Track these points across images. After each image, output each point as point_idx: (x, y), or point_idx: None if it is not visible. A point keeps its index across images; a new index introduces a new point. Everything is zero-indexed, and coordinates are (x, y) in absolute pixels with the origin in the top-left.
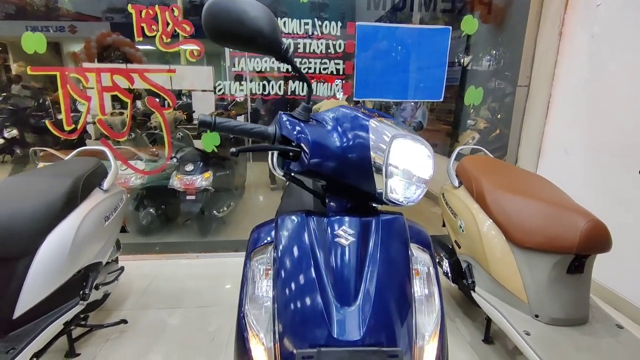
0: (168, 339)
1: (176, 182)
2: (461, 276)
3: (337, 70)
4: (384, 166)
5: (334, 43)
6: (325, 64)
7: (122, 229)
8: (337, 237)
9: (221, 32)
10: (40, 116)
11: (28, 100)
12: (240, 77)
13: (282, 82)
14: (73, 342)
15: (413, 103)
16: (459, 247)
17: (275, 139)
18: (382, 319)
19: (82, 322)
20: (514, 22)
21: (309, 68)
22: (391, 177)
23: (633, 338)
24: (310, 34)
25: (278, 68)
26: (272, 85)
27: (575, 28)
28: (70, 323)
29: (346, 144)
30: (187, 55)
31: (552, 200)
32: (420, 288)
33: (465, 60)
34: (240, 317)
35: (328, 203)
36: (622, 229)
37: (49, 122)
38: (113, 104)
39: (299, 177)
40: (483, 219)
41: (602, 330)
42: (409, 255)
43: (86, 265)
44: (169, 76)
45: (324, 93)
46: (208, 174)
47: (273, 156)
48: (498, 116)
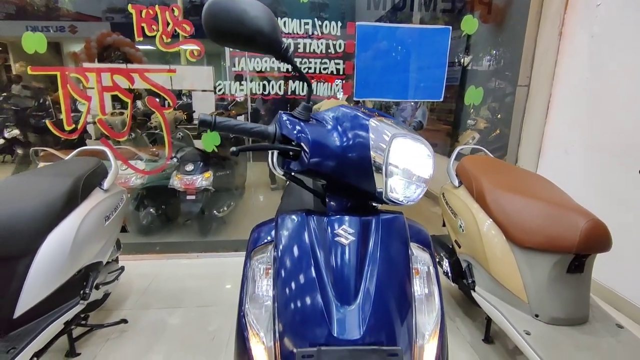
0: (168, 339)
1: (176, 182)
2: (461, 276)
3: (337, 70)
4: (384, 165)
5: (334, 43)
6: (325, 64)
7: (123, 229)
8: (337, 237)
9: (221, 32)
10: (40, 116)
11: (28, 100)
12: (240, 77)
13: (282, 82)
14: (73, 342)
15: (413, 103)
16: (459, 247)
17: (275, 139)
18: (382, 318)
19: (83, 322)
20: (514, 22)
21: (309, 68)
22: (391, 177)
23: (633, 337)
24: (310, 34)
25: (278, 68)
26: (272, 85)
27: (575, 28)
28: (70, 322)
29: (346, 144)
30: (187, 55)
31: (552, 199)
32: (420, 287)
33: (465, 60)
34: (240, 316)
35: (328, 202)
36: (622, 229)
37: (50, 122)
38: (113, 104)
39: (299, 177)
40: (483, 219)
41: (602, 329)
42: (409, 254)
43: (86, 264)
44: (169, 76)
45: (324, 93)
46: (208, 174)
47: (273, 155)
48: (498, 116)
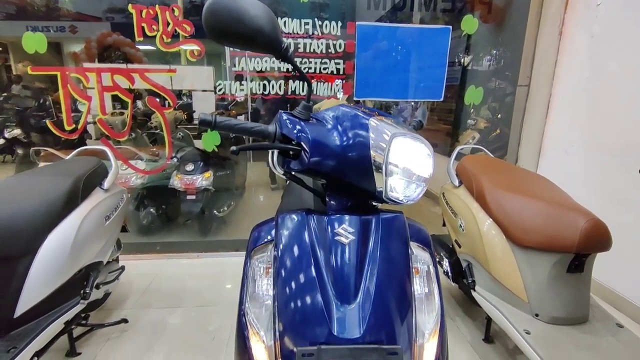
0: (169, 338)
1: (177, 182)
2: (461, 275)
3: (338, 70)
4: (384, 165)
5: (334, 43)
6: (325, 64)
7: (123, 229)
8: (337, 236)
9: (221, 31)
10: (40, 116)
11: (28, 100)
12: (240, 77)
13: (283, 82)
14: (74, 341)
15: (413, 103)
16: (459, 247)
17: (275, 138)
18: (382, 317)
19: (83, 322)
20: (514, 22)
21: (309, 68)
22: (391, 176)
23: (633, 337)
24: (310, 34)
25: (278, 68)
26: (273, 85)
27: (575, 28)
28: (71, 322)
29: (346, 143)
30: (188, 55)
31: (552, 199)
32: (420, 286)
33: (465, 60)
34: (240, 316)
35: (328, 202)
36: (622, 229)
37: (50, 122)
38: (113, 104)
39: (299, 176)
40: (483, 218)
41: (603, 329)
42: (409, 253)
43: (87, 264)
44: (170, 76)
45: (324, 93)
46: (208, 174)
47: (273, 155)
48: (498, 116)
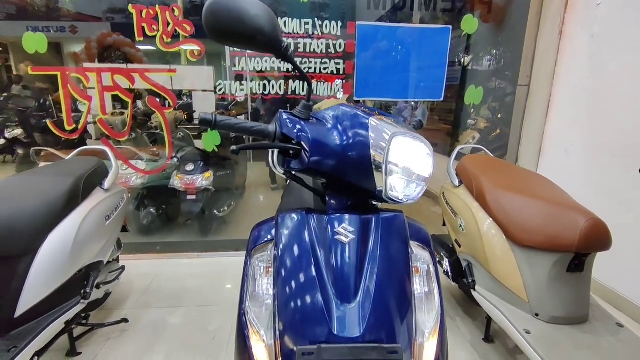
0: (169, 338)
1: (177, 182)
2: (461, 275)
3: (338, 70)
4: (384, 164)
5: (334, 43)
6: (325, 64)
7: (123, 229)
8: (337, 235)
9: (222, 31)
10: (41, 116)
11: (29, 100)
12: (240, 77)
13: (283, 82)
14: (74, 341)
15: (414, 103)
16: (459, 246)
17: (275, 137)
18: (382, 316)
19: (83, 321)
20: (514, 22)
21: (310, 68)
22: (391, 175)
23: (633, 337)
24: (310, 34)
25: (278, 68)
26: (273, 85)
27: (575, 27)
28: (71, 322)
29: (346, 142)
30: (188, 55)
31: (552, 199)
32: (420, 285)
33: (465, 59)
34: (240, 315)
35: (328, 201)
36: (622, 229)
37: (50, 122)
38: (114, 104)
39: (300, 175)
40: (483, 218)
41: (603, 328)
42: (409, 252)
43: (87, 264)
44: (170, 76)
45: (324, 93)
46: (209, 174)
47: (273, 154)
48: (498, 116)
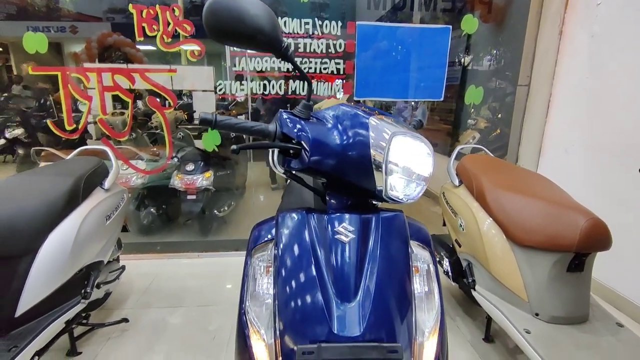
0: (169, 338)
1: (177, 182)
2: (461, 275)
3: (338, 69)
4: (384, 163)
5: (335, 43)
6: (325, 64)
7: (123, 228)
8: (338, 234)
9: (222, 30)
10: (41, 116)
11: (29, 100)
12: (240, 77)
13: (283, 82)
14: (74, 341)
15: (414, 103)
16: (459, 246)
17: (275, 137)
18: (382, 315)
19: (84, 321)
20: (514, 22)
21: (310, 68)
22: (391, 175)
23: (633, 336)
24: (310, 34)
25: (279, 68)
26: (273, 84)
27: (575, 27)
28: (71, 322)
29: (346, 142)
30: (188, 55)
31: (552, 198)
32: (420, 285)
33: (465, 59)
34: (241, 314)
35: (328, 200)
36: (622, 228)
37: (51, 122)
38: (114, 104)
39: (300, 175)
40: (483, 218)
41: (603, 328)
42: (409, 252)
43: (87, 264)
44: (170, 76)
45: (325, 93)
46: (209, 174)
47: (274, 154)
48: (498, 115)
